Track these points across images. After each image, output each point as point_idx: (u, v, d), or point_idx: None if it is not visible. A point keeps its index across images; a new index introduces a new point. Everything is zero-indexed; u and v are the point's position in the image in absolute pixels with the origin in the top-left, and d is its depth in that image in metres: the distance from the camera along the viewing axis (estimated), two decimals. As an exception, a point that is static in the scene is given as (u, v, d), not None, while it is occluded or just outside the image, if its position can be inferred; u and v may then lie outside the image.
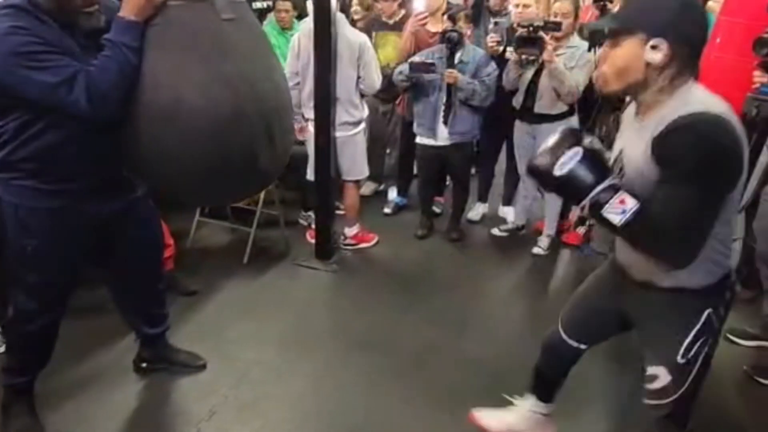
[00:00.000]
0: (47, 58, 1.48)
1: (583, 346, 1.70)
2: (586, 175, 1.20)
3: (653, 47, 1.21)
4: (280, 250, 3.38)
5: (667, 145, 1.18)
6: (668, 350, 1.38)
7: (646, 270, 1.37)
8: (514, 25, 3.17)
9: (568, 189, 1.23)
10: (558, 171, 1.20)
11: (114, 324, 2.30)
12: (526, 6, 3.21)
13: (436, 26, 3.42)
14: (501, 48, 3.22)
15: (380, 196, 4.20)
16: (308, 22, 2.98)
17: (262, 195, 3.25)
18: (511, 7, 3.42)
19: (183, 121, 1.48)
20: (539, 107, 3.14)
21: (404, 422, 2.11)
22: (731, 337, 2.63)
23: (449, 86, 3.17)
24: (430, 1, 3.42)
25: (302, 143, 3.31)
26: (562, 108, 3.12)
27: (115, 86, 1.50)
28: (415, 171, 3.95)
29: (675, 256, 1.24)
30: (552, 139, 1.26)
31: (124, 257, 1.97)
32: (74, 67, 1.50)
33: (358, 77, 3.10)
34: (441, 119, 3.29)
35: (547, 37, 2.90)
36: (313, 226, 3.36)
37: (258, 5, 4.34)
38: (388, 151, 4.25)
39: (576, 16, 3.08)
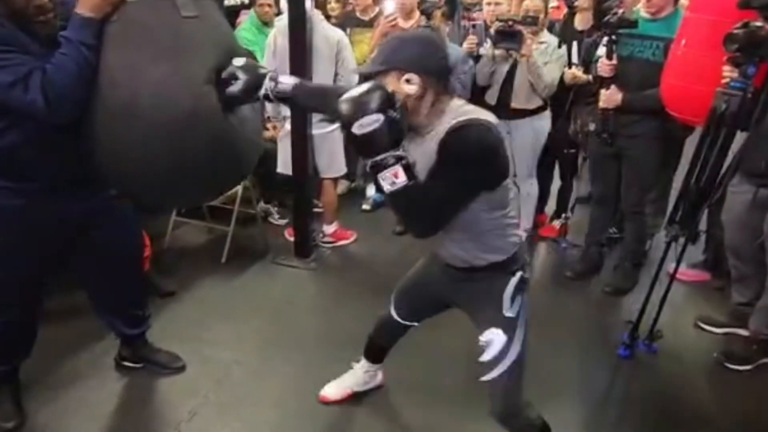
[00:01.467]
0: (4, 57, 1.47)
1: (412, 323, 1.98)
2: (378, 141, 1.33)
3: (407, 81, 1.41)
4: (258, 248, 3.36)
5: (444, 144, 1.39)
6: (496, 311, 1.59)
7: (466, 258, 1.60)
8: (488, 21, 3.19)
9: (359, 145, 1.37)
10: (357, 130, 1.33)
11: (93, 326, 2.28)
12: (497, 4, 3.24)
13: (407, 23, 3.42)
14: (477, 49, 3.24)
15: (355, 193, 4.20)
16: (284, 20, 2.96)
17: (239, 193, 3.23)
18: (484, 6, 3.43)
19: (139, 121, 1.45)
20: (516, 102, 3.17)
21: (385, 420, 2.12)
22: (702, 325, 2.71)
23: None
24: (404, 2, 3.41)
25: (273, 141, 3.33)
26: (538, 102, 3.16)
27: (72, 85, 1.48)
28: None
29: (420, 228, 1.49)
30: (360, 90, 1.35)
31: (101, 256, 1.96)
32: (29, 66, 1.49)
33: (336, 74, 3.09)
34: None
35: (526, 32, 2.93)
36: (278, 221, 3.51)
37: (231, 2, 4.31)
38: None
39: (546, 13, 3.12)
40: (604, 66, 2.67)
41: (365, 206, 3.96)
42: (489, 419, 1.69)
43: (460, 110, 1.45)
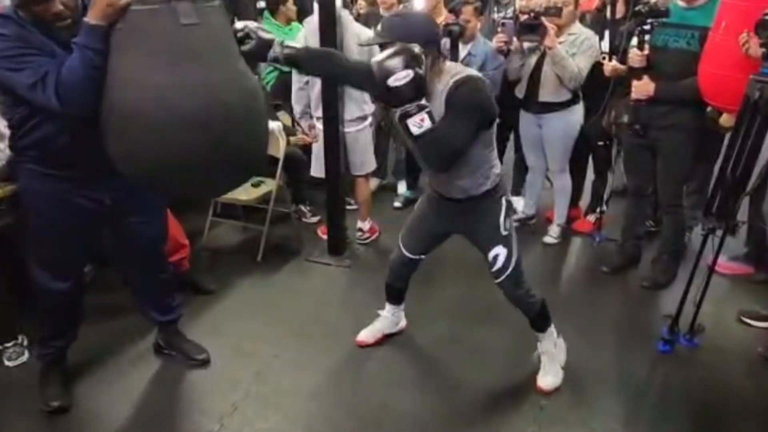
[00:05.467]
0: (24, 60, 1.62)
1: (421, 257, 2.30)
2: (407, 92, 1.64)
3: None
4: (292, 247, 3.42)
5: (452, 97, 1.78)
6: (494, 232, 2.03)
7: (466, 188, 1.98)
8: (518, 14, 3.18)
9: (391, 96, 1.66)
10: (392, 83, 1.63)
11: (135, 323, 2.37)
12: (529, -4, 3.22)
13: (435, 19, 3.42)
14: (507, 48, 3.23)
15: (385, 190, 4.23)
16: (314, 21, 3.00)
17: (273, 193, 3.30)
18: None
19: (140, 124, 1.52)
20: (543, 95, 3.15)
21: (423, 414, 2.14)
22: (745, 319, 2.65)
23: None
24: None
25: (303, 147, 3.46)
26: (567, 96, 3.13)
27: (80, 86, 1.60)
28: (423, 164, 3.98)
29: (440, 162, 1.84)
30: (393, 50, 1.65)
31: (126, 243, 2.10)
32: (47, 67, 1.62)
33: (368, 72, 3.12)
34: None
35: (547, 23, 2.91)
36: (310, 219, 3.68)
37: (261, 4, 4.39)
38: (393, 145, 4.27)
39: (576, 4, 3.09)
40: (635, 57, 2.63)
41: (396, 203, 3.99)
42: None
43: (455, 70, 1.83)
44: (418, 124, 1.68)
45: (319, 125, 3.16)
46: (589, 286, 3.01)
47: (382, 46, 1.76)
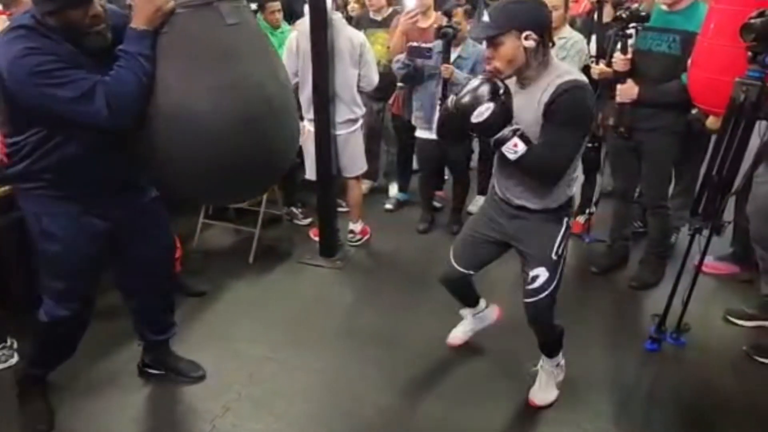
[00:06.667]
0: (64, 74, 1.53)
1: (469, 272, 2.14)
2: (494, 122, 1.65)
3: (526, 38, 1.67)
4: (284, 249, 3.42)
5: (555, 104, 1.66)
6: (545, 253, 1.90)
7: (523, 197, 1.87)
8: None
9: (479, 130, 1.70)
10: (475, 119, 1.64)
11: (126, 327, 2.34)
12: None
13: (425, 22, 3.45)
14: None
15: (377, 192, 4.24)
16: (305, 23, 3.00)
17: (264, 195, 3.30)
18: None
19: (193, 126, 1.52)
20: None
21: (415, 415, 2.16)
22: (730, 318, 2.69)
23: (445, 81, 3.21)
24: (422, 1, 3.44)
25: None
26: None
27: (134, 95, 1.54)
28: (414, 166, 4.00)
29: (548, 179, 1.79)
30: (472, 85, 1.67)
31: (135, 259, 2.02)
32: (92, 80, 1.55)
33: (359, 75, 3.14)
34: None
35: None
36: (302, 221, 3.68)
37: (253, 6, 4.39)
38: (385, 147, 4.29)
39: (566, 8, 3.12)
40: (618, 61, 2.67)
41: (388, 205, 4.00)
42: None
43: (561, 67, 1.72)
44: (512, 150, 1.65)
45: (310, 127, 3.17)
46: (578, 286, 3.04)
47: (490, 41, 1.71)
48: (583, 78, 1.70)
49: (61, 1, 1.53)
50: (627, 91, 2.68)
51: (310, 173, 3.31)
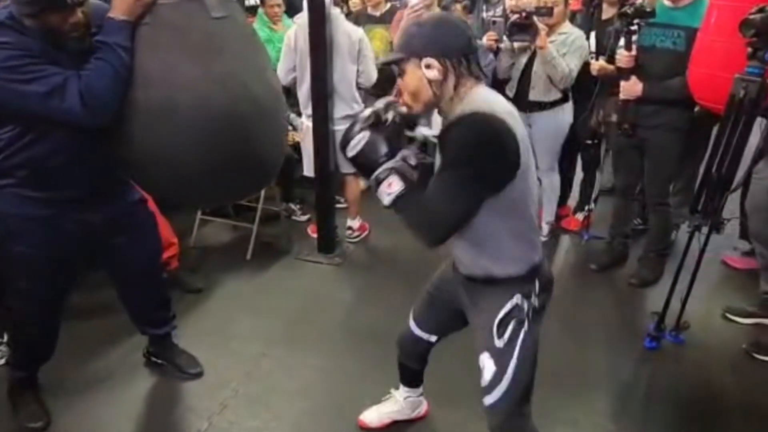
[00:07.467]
0: (33, 69, 1.48)
1: (433, 338, 1.76)
2: (369, 156, 1.34)
3: (427, 66, 1.34)
4: (282, 245, 3.41)
5: (443, 139, 1.32)
6: (487, 335, 1.44)
7: (467, 263, 1.48)
8: (508, 13, 3.19)
9: (357, 165, 1.39)
10: (349, 152, 1.36)
11: (122, 322, 2.33)
12: (518, -6, 3.22)
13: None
14: (497, 45, 3.24)
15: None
16: (304, 17, 2.99)
17: (262, 192, 3.28)
18: (506, -1, 3.42)
19: (175, 121, 1.47)
20: (533, 95, 3.16)
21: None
22: (730, 316, 2.68)
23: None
24: None
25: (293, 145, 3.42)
26: (557, 95, 3.15)
27: (111, 88, 1.49)
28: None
29: (428, 233, 1.35)
30: (363, 114, 1.39)
31: (124, 261, 2.00)
32: (64, 75, 1.49)
33: (358, 71, 3.12)
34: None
35: (539, 23, 2.92)
36: (300, 217, 3.63)
37: (250, 2, 4.37)
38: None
39: (566, 3, 3.10)
40: (623, 57, 2.65)
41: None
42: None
43: (474, 97, 1.35)
44: (387, 191, 1.32)
45: (309, 123, 3.15)
46: (577, 283, 3.04)
47: (398, 64, 1.39)
48: (492, 108, 1.30)
49: (40, 4, 1.48)
50: (631, 87, 2.66)
51: (308, 169, 3.30)
